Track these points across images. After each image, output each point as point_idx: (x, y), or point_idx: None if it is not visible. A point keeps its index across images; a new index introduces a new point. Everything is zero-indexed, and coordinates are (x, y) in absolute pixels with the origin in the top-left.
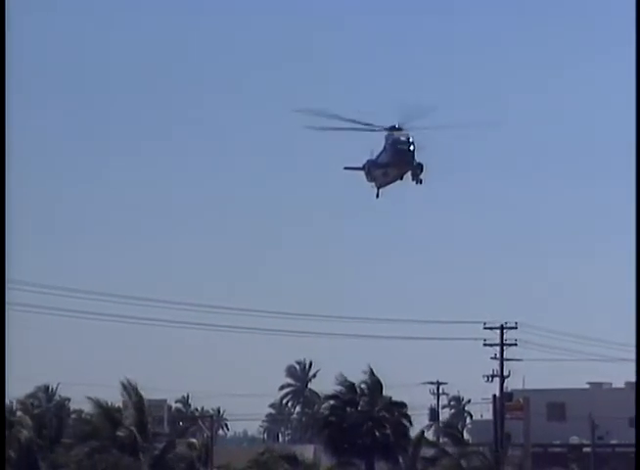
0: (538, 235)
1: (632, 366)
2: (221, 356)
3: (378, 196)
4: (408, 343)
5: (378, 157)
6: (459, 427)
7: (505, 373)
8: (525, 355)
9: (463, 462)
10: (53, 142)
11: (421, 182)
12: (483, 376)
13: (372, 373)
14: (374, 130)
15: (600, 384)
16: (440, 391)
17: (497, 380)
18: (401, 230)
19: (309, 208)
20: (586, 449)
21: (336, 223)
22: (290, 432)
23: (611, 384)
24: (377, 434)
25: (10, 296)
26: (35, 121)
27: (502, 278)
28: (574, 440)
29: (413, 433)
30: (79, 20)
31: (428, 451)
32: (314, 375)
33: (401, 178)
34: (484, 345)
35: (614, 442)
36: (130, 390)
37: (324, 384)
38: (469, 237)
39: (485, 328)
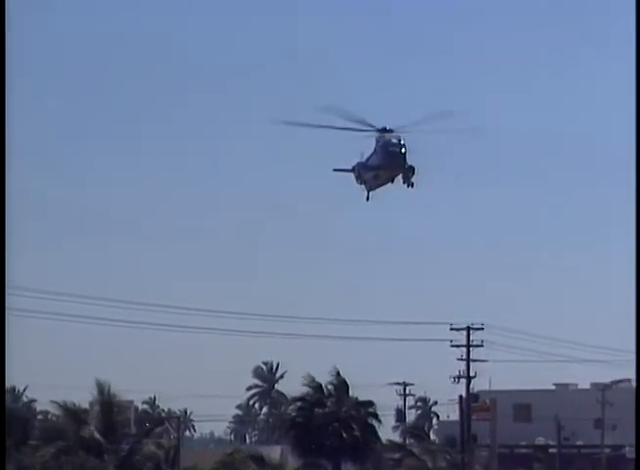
0: (507, 237)
1: (598, 367)
2: (188, 357)
3: (368, 199)
4: (375, 344)
5: (368, 159)
6: (425, 428)
7: (471, 374)
8: (491, 356)
9: (429, 463)
10: (49, 144)
11: (412, 185)
12: (450, 377)
13: (338, 374)
14: (364, 131)
15: (566, 385)
16: (407, 392)
17: (464, 381)
18: (371, 233)
19: (286, 207)
20: (552, 450)
21: (307, 225)
22: (257, 433)
23: (577, 385)
24: (344, 435)
25: None
26: (33, 127)
27: (469, 279)
28: (540, 441)
29: (380, 433)
30: (70, 20)
31: (394, 452)
32: (281, 376)
33: (392, 181)
34: (451, 346)
35: (579, 443)
36: (96, 391)
37: (291, 385)
38: (438, 240)
39: (452, 329)
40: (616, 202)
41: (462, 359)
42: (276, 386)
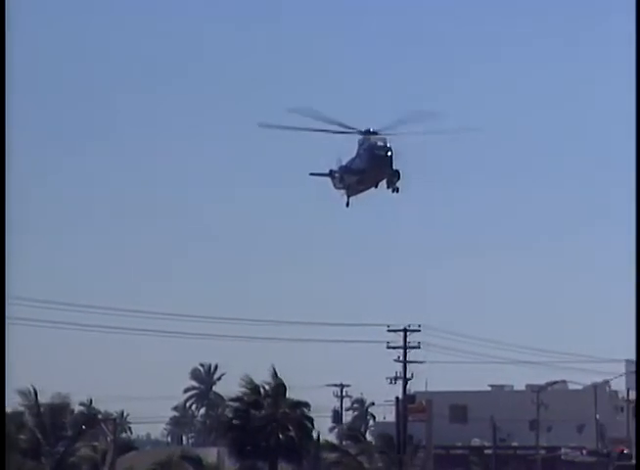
0: (449, 239)
1: (533, 369)
2: (125, 359)
3: (348, 205)
4: (312, 345)
5: (351, 162)
6: (362, 429)
7: (408, 375)
8: (428, 358)
9: (365, 464)
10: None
11: (398, 191)
12: (387, 378)
13: (275, 375)
14: (347, 133)
15: (501, 386)
16: (344, 393)
17: (400, 382)
18: (312, 234)
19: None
20: (488, 451)
21: (248, 226)
22: (193, 435)
23: (512, 386)
24: (280, 436)
25: None
26: (33, 133)
27: (406, 281)
28: (476, 442)
29: (317, 435)
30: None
31: (330, 453)
32: (219, 378)
33: (376, 186)
34: (388, 347)
35: (515, 444)
36: (32, 394)
37: (228, 386)
38: (378, 242)
39: (389, 331)
40: (576, 206)
41: (399, 361)
42: (213, 387)
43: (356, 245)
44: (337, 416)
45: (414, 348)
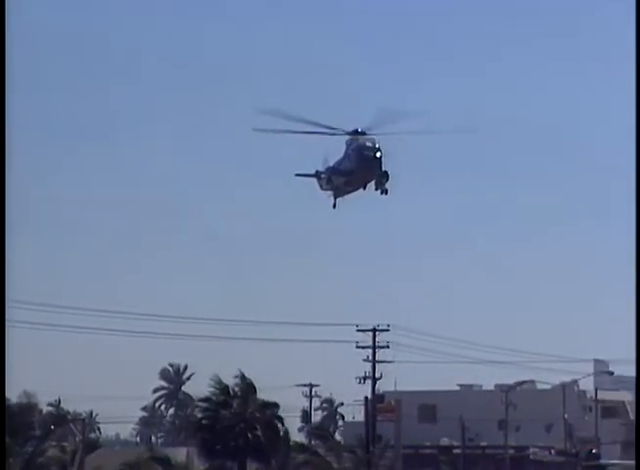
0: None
1: (502, 369)
2: (94, 359)
3: (335, 206)
4: (282, 345)
5: (339, 163)
6: (331, 429)
7: (377, 375)
8: (397, 358)
9: (334, 464)
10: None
11: (386, 192)
12: (356, 378)
13: (244, 375)
14: (335, 134)
15: (470, 386)
16: (313, 393)
17: (369, 382)
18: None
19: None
20: (456, 451)
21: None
22: (163, 435)
23: (481, 386)
24: (249, 436)
25: None
26: (33, 138)
27: (375, 281)
28: (445, 441)
29: (286, 435)
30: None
31: (300, 453)
32: (188, 378)
33: (364, 188)
34: (357, 347)
35: (483, 443)
36: None
37: (198, 386)
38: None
39: (358, 330)
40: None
41: (368, 361)
42: (183, 387)
43: (326, 245)
44: (306, 416)
45: (383, 347)
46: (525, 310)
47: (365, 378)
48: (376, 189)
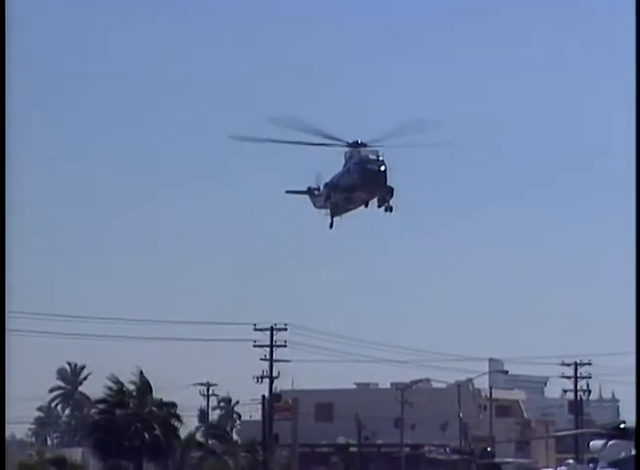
0: (317, 239)
1: (398, 367)
2: None
3: (331, 226)
4: (179, 344)
5: (339, 178)
6: (228, 428)
7: (274, 374)
8: (294, 357)
9: (231, 463)
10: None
11: (391, 210)
12: (253, 377)
13: (141, 375)
14: (333, 146)
15: (367, 384)
16: (210, 392)
17: (267, 381)
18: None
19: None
20: (353, 449)
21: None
22: (58, 435)
23: (377, 384)
24: (146, 435)
25: None
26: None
27: (273, 280)
28: (341, 440)
29: (183, 434)
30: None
31: (196, 452)
32: (85, 378)
33: (366, 205)
34: (254, 346)
35: (379, 441)
36: None
37: (95, 387)
38: (252, 242)
39: (256, 329)
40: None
41: (265, 359)
42: (80, 388)
43: (227, 246)
44: (203, 415)
45: (281, 346)
46: (421, 309)
47: (262, 377)
48: (379, 206)
